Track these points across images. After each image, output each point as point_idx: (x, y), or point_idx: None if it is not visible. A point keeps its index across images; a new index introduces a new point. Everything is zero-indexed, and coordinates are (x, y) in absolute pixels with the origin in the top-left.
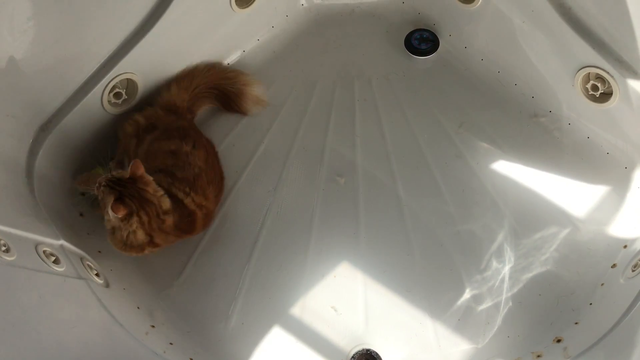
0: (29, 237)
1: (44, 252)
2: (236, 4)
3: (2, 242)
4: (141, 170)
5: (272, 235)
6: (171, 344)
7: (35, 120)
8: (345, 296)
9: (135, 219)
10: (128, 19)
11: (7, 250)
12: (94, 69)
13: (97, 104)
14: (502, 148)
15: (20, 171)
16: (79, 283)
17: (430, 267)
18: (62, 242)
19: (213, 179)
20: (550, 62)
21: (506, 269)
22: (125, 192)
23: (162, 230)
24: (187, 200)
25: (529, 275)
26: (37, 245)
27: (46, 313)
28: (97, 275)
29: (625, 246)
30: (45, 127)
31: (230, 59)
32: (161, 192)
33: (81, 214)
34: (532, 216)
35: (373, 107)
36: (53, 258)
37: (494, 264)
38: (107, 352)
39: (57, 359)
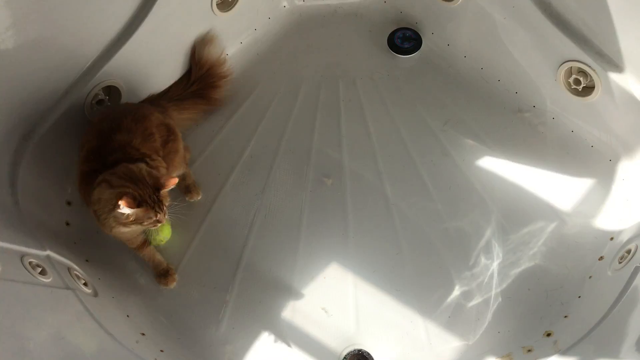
0: (14, 248)
1: (30, 263)
2: (217, 8)
3: None
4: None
5: (261, 238)
6: (162, 351)
7: (17, 130)
8: (335, 297)
9: None
10: (109, 26)
11: None
12: (76, 76)
13: (80, 112)
14: (488, 144)
15: (3, 182)
16: (66, 293)
17: (419, 265)
18: (48, 252)
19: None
20: (533, 57)
21: (495, 265)
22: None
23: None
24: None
25: (517, 270)
26: (22, 256)
27: (33, 325)
28: (85, 284)
29: (611, 238)
30: (28, 137)
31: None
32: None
33: (67, 223)
34: (519, 211)
35: (358, 107)
36: (39, 269)
37: (483, 260)
38: None
39: None
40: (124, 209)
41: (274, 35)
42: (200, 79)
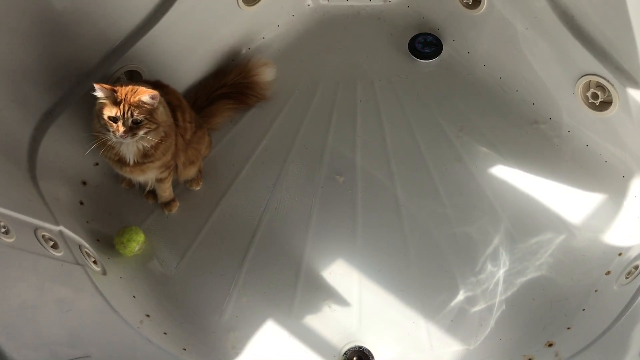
0: (28, 220)
1: (43, 236)
2: (243, 2)
3: (2, 223)
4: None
5: (270, 231)
6: (165, 333)
7: (41, 105)
8: (339, 293)
9: None
10: (138, 10)
11: (6, 232)
12: (102, 57)
13: None
14: (502, 153)
15: (23, 157)
16: (76, 268)
17: (425, 268)
18: (61, 227)
19: None
20: (552, 69)
21: (501, 272)
22: None
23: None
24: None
25: (523, 279)
26: (36, 229)
27: (42, 295)
28: (94, 262)
29: (620, 254)
30: (50, 114)
31: (235, 57)
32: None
33: (81, 202)
34: (529, 221)
35: (375, 109)
36: (52, 243)
37: (489, 267)
38: (101, 336)
39: (50, 339)
40: (98, 90)
41: (297, 32)
42: (233, 85)
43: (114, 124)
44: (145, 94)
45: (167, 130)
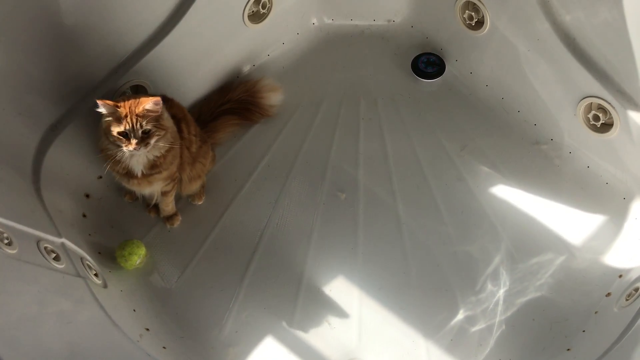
0: (31, 232)
1: (45, 248)
2: (249, 19)
3: (5, 235)
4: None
5: (271, 246)
6: (164, 348)
7: (46, 118)
8: (339, 310)
9: None
10: (145, 25)
11: (9, 244)
12: (109, 72)
13: None
14: (503, 173)
15: (28, 168)
16: (77, 281)
17: (425, 286)
18: (63, 240)
19: None
20: (554, 90)
21: (501, 292)
22: None
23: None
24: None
25: (523, 299)
26: (38, 241)
27: (43, 307)
28: (95, 275)
29: (620, 276)
30: (55, 127)
31: (240, 73)
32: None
33: (84, 215)
34: (529, 241)
35: (377, 127)
36: (54, 255)
37: (489, 286)
38: (100, 349)
39: (50, 351)
40: (101, 107)
41: (301, 50)
42: (238, 101)
43: (124, 139)
44: (148, 102)
45: (173, 135)
